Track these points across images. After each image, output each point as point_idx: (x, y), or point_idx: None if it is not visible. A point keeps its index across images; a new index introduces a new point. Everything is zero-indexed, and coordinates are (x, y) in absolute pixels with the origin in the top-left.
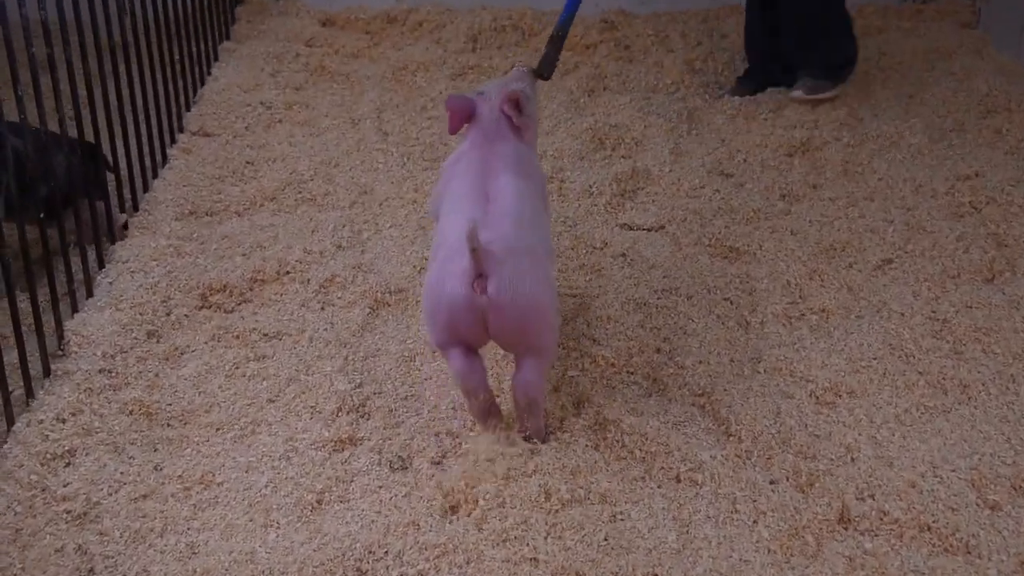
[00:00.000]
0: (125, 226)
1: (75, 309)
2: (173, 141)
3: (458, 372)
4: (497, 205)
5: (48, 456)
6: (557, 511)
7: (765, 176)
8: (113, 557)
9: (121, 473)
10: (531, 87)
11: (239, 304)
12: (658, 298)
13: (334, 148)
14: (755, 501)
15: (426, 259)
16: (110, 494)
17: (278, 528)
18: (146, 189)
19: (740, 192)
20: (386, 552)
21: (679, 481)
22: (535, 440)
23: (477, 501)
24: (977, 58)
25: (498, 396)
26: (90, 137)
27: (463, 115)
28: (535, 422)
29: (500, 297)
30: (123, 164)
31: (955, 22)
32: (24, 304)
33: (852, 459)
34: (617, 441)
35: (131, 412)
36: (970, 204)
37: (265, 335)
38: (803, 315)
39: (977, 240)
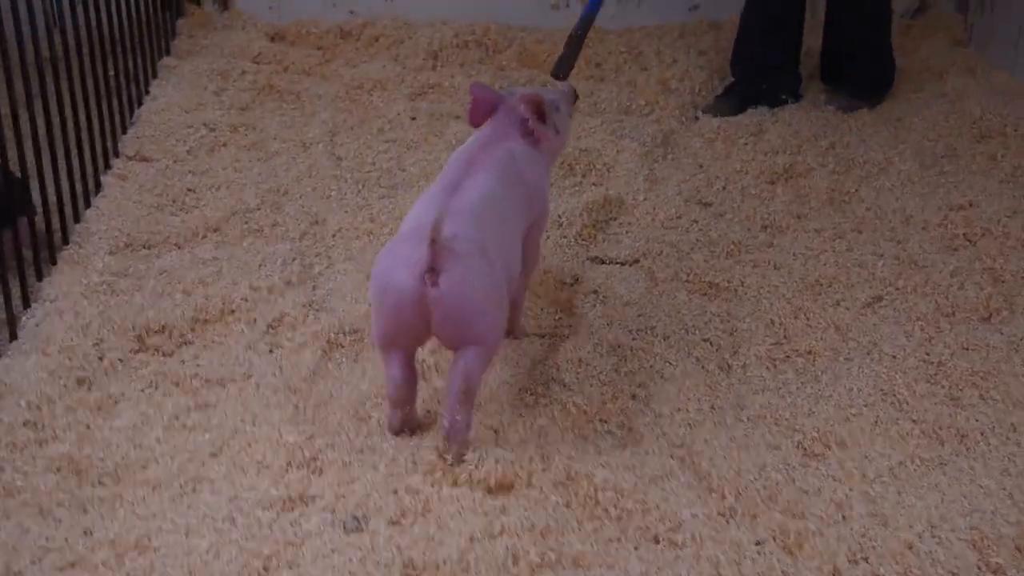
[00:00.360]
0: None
1: None
2: (107, 167)
3: (392, 379)
4: (459, 200)
5: None
6: None
7: (746, 205)
8: None
9: (47, 539)
10: (567, 104)
11: (179, 347)
12: (633, 339)
13: (283, 174)
14: (739, 564)
15: None
16: (33, 562)
17: None
18: (77, 220)
19: (719, 223)
20: None
21: (657, 542)
22: (455, 442)
23: (439, 566)
24: (970, 78)
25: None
26: (16, 162)
27: (486, 107)
28: (466, 415)
29: (449, 294)
30: (52, 192)
31: (946, 39)
32: None
33: (844, 517)
34: (590, 498)
35: (59, 469)
36: (964, 236)
37: (207, 381)
38: (788, 357)
39: (972, 275)
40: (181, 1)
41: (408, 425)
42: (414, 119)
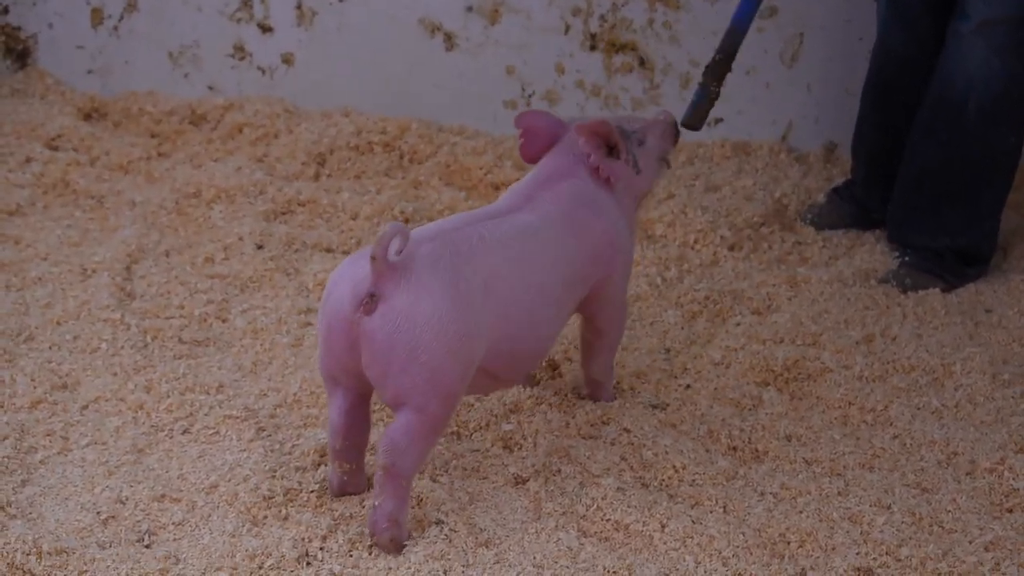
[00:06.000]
0: None
1: None
2: None
3: (332, 425)
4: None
5: None
6: None
7: (713, 415)
8: None
9: None
10: (658, 137)
11: None
12: None
13: (36, 313)
14: None
15: (124, 501)
16: None
17: None
18: None
19: (665, 436)
20: None
21: None
22: (375, 537)
23: None
24: None
25: None
26: None
27: (543, 137)
28: (386, 502)
29: (381, 329)
30: None
31: None
32: None
33: None
34: None
35: None
36: None
37: None
38: None
39: (1018, 554)
40: None
41: (351, 489)
42: (261, 248)
